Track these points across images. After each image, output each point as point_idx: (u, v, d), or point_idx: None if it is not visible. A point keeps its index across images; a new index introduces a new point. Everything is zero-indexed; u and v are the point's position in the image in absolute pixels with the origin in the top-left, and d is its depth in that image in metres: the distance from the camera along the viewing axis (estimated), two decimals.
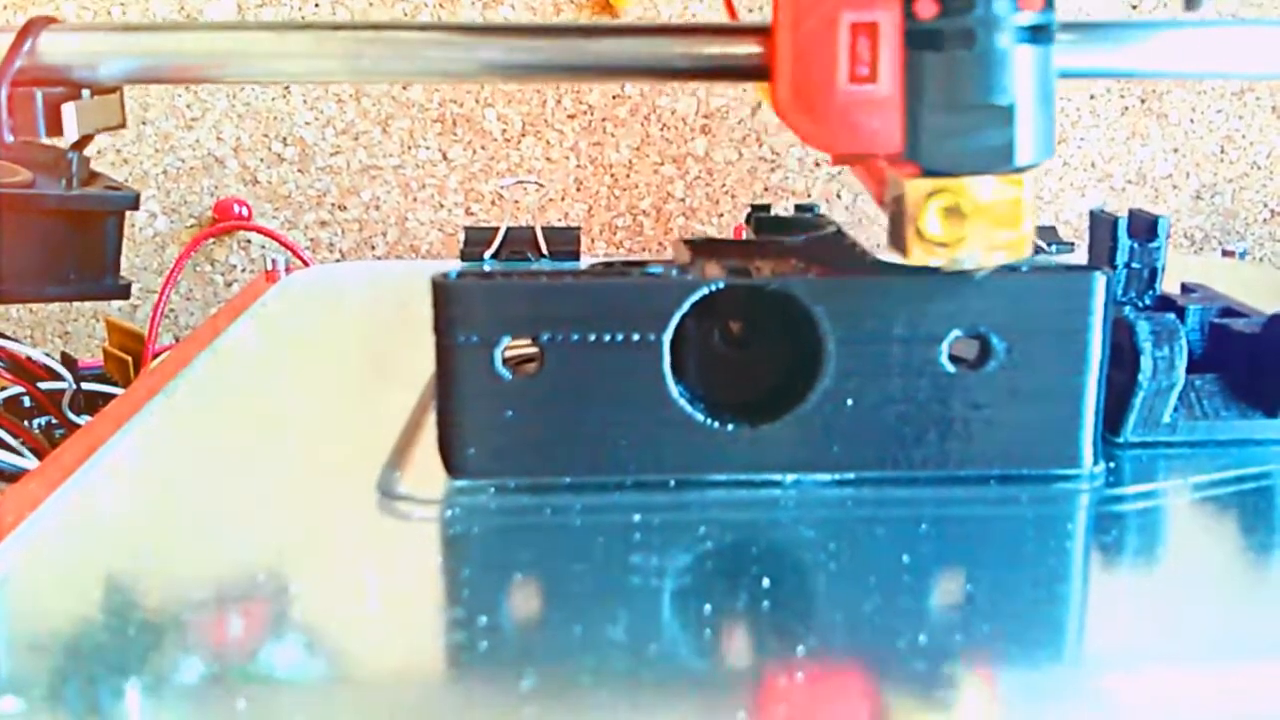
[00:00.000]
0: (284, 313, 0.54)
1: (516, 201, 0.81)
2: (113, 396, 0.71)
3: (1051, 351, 0.33)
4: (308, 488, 0.35)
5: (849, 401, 0.33)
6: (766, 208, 0.44)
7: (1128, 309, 0.36)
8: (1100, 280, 0.33)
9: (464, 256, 0.56)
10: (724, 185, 0.80)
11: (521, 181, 0.70)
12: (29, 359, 0.74)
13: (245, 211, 0.81)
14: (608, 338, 0.33)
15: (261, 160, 0.81)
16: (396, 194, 0.81)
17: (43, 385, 0.73)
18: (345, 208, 0.81)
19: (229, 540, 0.32)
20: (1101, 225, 0.39)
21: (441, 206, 0.81)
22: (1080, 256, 0.62)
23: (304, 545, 0.31)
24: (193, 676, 0.26)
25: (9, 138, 0.42)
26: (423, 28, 0.38)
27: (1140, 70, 0.38)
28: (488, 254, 0.54)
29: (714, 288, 0.33)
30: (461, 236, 0.58)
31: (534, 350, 0.33)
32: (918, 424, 0.33)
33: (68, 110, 0.43)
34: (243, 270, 0.82)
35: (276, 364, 0.47)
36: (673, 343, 0.33)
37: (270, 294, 0.56)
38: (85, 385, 0.73)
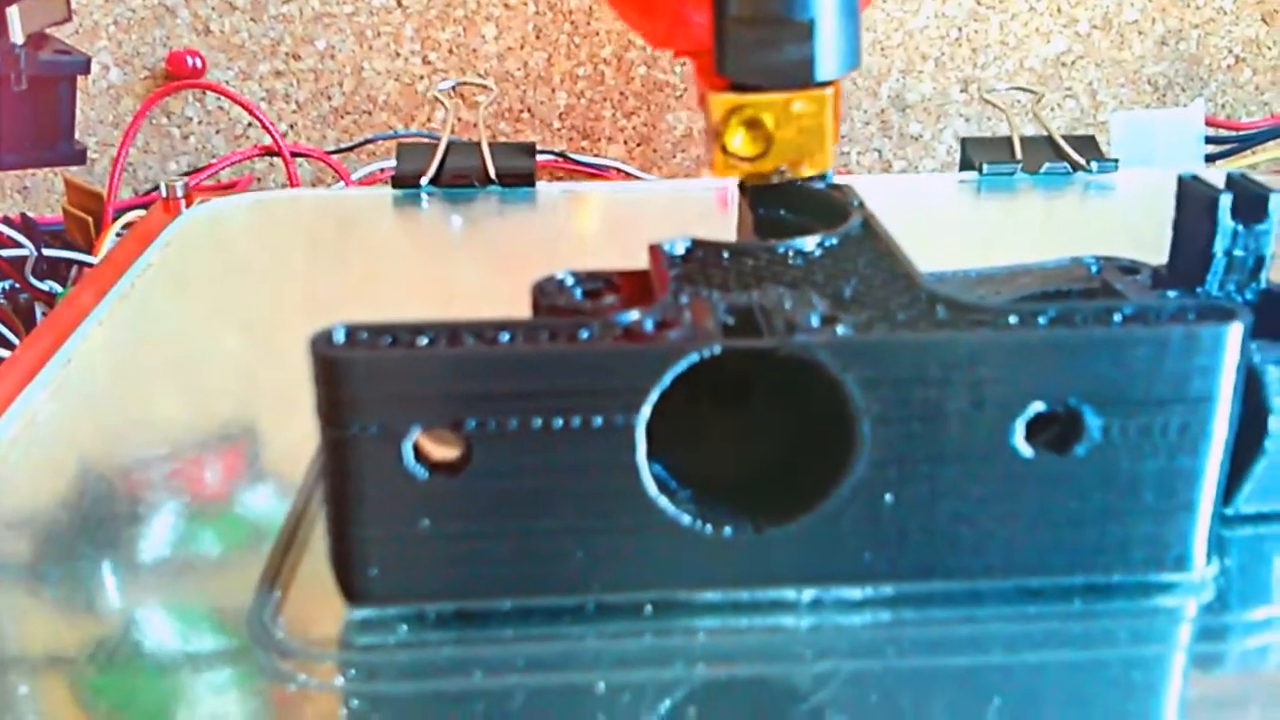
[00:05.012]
0: (175, 279, 0.38)
1: (474, 50, 0.65)
2: (73, 262, 0.59)
3: (1163, 427, 0.20)
4: (154, 621, 0.21)
5: (887, 497, 0.20)
6: None
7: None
8: (1235, 331, 0.19)
9: (396, 183, 0.41)
10: None
11: (465, 83, 0.54)
12: None
13: (199, 63, 0.65)
14: (559, 423, 0.19)
15: (213, 9, 0.64)
16: (351, 42, 0.65)
17: (4, 253, 0.60)
18: (300, 57, 0.65)
19: None
20: (1195, 200, 0.25)
21: (398, 55, 0.65)
22: (1127, 179, 0.46)
23: None
24: None
25: None
26: None
27: None
28: (425, 180, 0.39)
29: (705, 354, 0.19)
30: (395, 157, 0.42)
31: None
32: (981, 524, 0.20)
33: (12, 13, 0.39)
34: (199, 123, 0.66)
35: (143, 372, 0.32)
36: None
37: (166, 238, 0.40)
38: (47, 251, 0.60)
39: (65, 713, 0.19)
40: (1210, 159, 0.57)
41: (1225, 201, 0.24)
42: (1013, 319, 0.20)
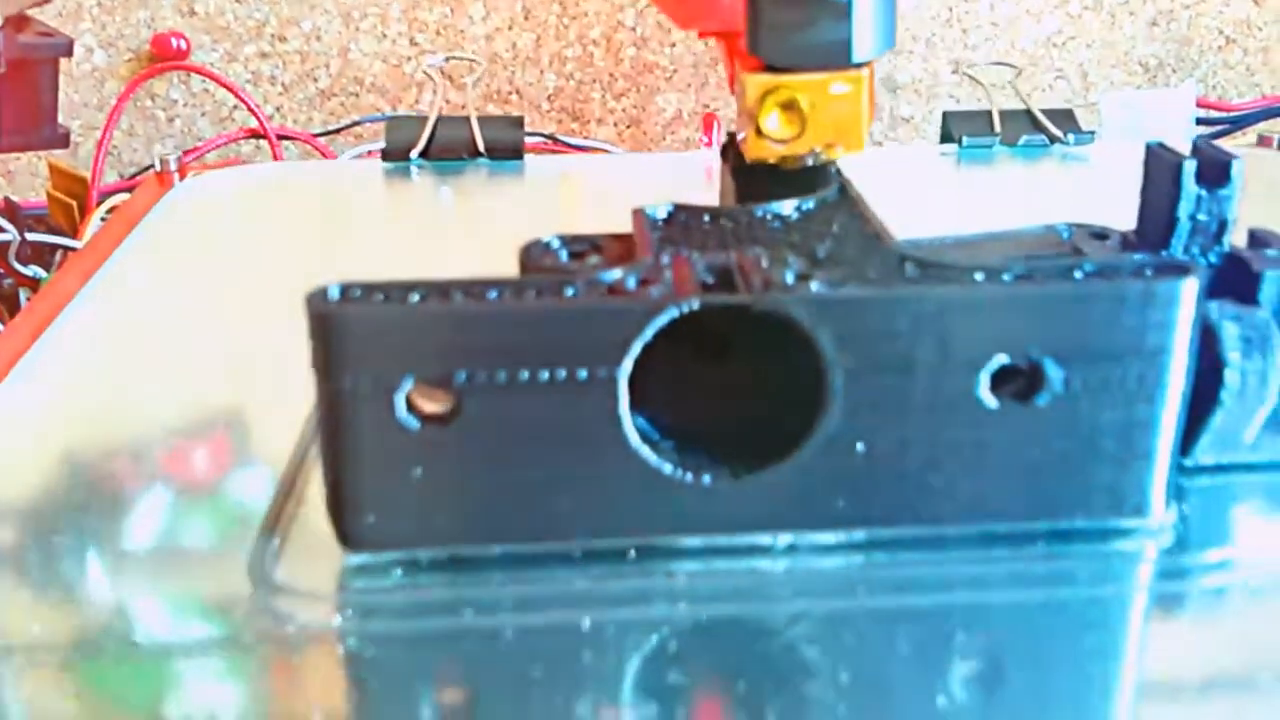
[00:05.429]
0: (169, 252, 0.39)
1: (462, 31, 0.66)
2: (57, 247, 0.61)
3: (1121, 378, 0.21)
4: (161, 571, 0.23)
5: (859, 446, 0.22)
6: None
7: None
8: (1189, 287, 0.21)
9: (386, 156, 0.42)
10: None
11: (454, 58, 0.55)
12: None
13: (184, 45, 0.66)
14: (545, 376, 0.21)
15: None
16: (338, 24, 0.66)
17: None
18: (285, 39, 0.66)
19: None
20: (1161, 166, 0.26)
21: (385, 37, 0.66)
22: (1103, 151, 0.48)
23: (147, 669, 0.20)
24: None
25: None
26: None
27: None
28: (414, 153, 0.41)
29: (685, 309, 0.21)
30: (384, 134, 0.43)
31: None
32: (947, 471, 0.22)
33: None
34: (184, 105, 0.67)
35: (143, 342, 0.33)
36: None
37: (162, 208, 0.41)
38: (30, 236, 0.62)
39: (68, 672, 0.20)
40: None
41: (1189, 167, 0.26)
42: (978, 275, 0.21)
